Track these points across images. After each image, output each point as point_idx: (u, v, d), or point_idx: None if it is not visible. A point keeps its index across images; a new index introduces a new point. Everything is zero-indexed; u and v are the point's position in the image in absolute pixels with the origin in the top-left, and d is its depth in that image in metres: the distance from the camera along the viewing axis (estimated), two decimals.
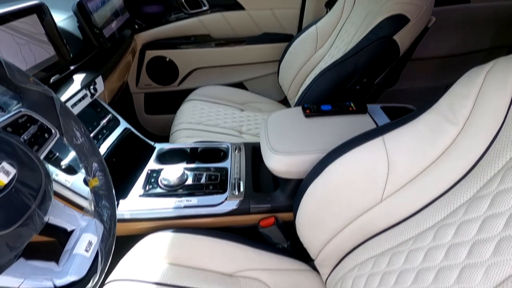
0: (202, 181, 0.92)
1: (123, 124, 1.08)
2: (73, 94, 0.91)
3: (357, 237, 0.68)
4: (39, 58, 0.85)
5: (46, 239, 0.65)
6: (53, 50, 0.89)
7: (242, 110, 1.47)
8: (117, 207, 0.81)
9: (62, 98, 0.87)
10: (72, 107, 0.90)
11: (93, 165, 0.56)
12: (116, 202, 0.59)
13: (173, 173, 0.90)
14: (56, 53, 0.90)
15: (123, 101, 1.65)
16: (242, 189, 0.90)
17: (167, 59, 1.65)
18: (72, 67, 0.99)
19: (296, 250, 0.86)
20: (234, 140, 1.21)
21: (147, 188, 0.90)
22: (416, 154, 0.59)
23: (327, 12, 1.43)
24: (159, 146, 1.08)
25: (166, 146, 1.08)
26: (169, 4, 1.63)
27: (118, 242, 0.62)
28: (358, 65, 1.01)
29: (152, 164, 1.00)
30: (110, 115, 1.06)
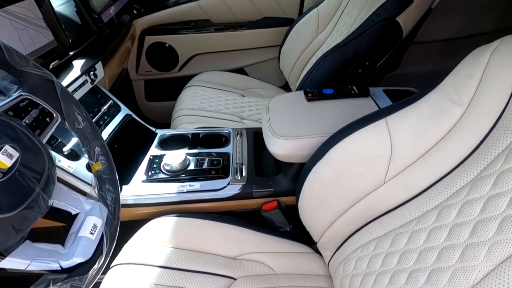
0: (204, 166, 0.92)
1: (124, 110, 1.07)
2: (73, 80, 0.90)
3: (359, 219, 0.68)
4: (38, 44, 0.84)
5: (51, 225, 0.66)
6: (51, 36, 0.88)
7: (243, 96, 1.46)
8: (120, 192, 0.82)
9: (63, 84, 0.86)
10: (72, 93, 0.90)
11: (95, 149, 0.56)
12: (119, 182, 0.59)
13: (175, 158, 0.90)
14: (54, 38, 0.89)
15: (124, 88, 1.64)
16: (244, 173, 0.90)
17: (167, 45, 1.64)
18: (71, 53, 0.98)
19: (298, 234, 0.87)
20: (235, 125, 1.21)
21: (150, 173, 0.91)
22: (419, 135, 0.59)
23: None
24: (161, 132, 1.08)
25: (167, 132, 1.08)
26: None
27: (122, 227, 0.62)
28: (360, 48, 0.99)
29: (154, 150, 1.00)
30: (111, 101, 1.05)
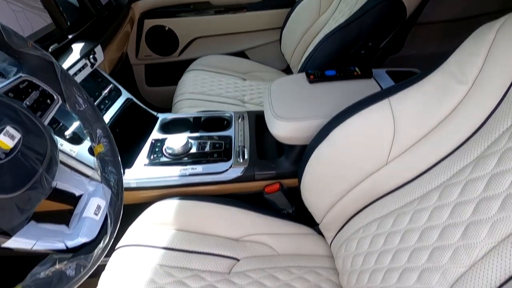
0: (207, 149, 0.92)
1: (125, 94, 1.07)
2: (73, 64, 0.90)
3: (362, 200, 0.68)
4: (36, 26, 0.83)
5: (56, 209, 0.66)
6: (49, 18, 0.87)
7: (244, 80, 1.45)
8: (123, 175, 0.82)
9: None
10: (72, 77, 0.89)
11: (97, 131, 0.56)
12: (122, 166, 0.59)
13: (177, 142, 0.90)
14: (52, 21, 0.87)
15: (124, 73, 1.63)
16: (246, 156, 0.90)
17: (166, 28, 1.61)
18: (70, 36, 0.97)
19: (300, 216, 0.87)
20: (237, 109, 1.20)
21: (152, 157, 0.91)
22: (422, 115, 0.59)
23: None
24: (162, 116, 1.07)
25: (169, 116, 1.08)
26: None
27: (125, 211, 0.63)
28: (363, 28, 0.98)
29: (155, 134, 1.00)
30: (111, 85, 1.05)
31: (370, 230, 0.64)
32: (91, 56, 0.98)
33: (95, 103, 0.97)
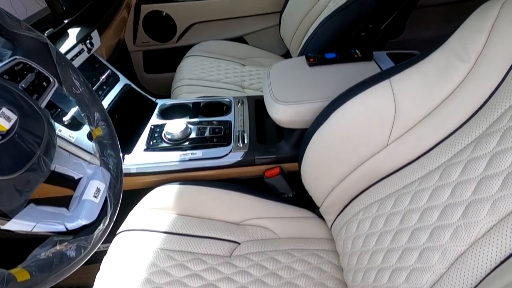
0: (206, 134, 0.91)
1: (123, 80, 1.06)
2: (69, 49, 0.88)
3: (362, 182, 0.68)
4: (31, 10, 0.81)
5: (55, 195, 0.66)
6: (44, 2, 0.85)
7: (244, 65, 1.44)
8: (122, 161, 0.82)
9: None
10: None
11: (95, 114, 0.55)
12: (121, 151, 0.59)
13: (176, 127, 0.90)
14: (47, 5, 0.86)
15: (122, 60, 1.61)
16: (246, 141, 0.89)
17: (164, 14, 1.59)
18: (65, 21, 0.95)
19: (301, 200, 0.87)
20: (236, 95, 1.19)
21: (151, 143, 0.90)
22: (424, 94, 0.58)
23: None
24: (161, 102, 1.07)
25: (168, 102, 1.07)
26: None
27: (126, 196, 0.62)
28: (364, 9, 0.96)
29: (154, 119, 0.99)
30: (109, 71, 1.04)
31: (370, 212, 0.64)
32: (88, 41, 0.96)
33: (93, 89, 0.96)
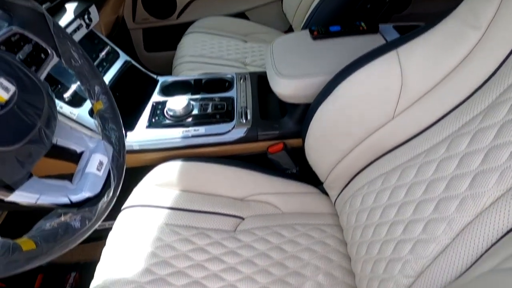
0: (209, 110, 0.90)
1: (123, 56, 1.04)
2: (67, 24, 0.86)
3: (367, 156, 0.68)
4: None
5: (58, 173, 0.66)
6: None
7: (246, 42, 1.41)
8: (125, 136, 0.81)
9: None
10: None
11: (95, 88, 0.54)
12: (122, 124, 0.58)
13: (178, 103, 0.89)
14: None
15: (121, 38, 1.58)
16: (249, 117, 0.88)
17: None
18: None
19: (305, 175, 0.87)
20: (238, 71, 1.17)
21: (154, 119, 0.90)
22: (432, 64, 0.56)
23: None
24: (162, 79, 1.05)
25: (169, 79, 1.05)
26: None
27: (129, 174, 0.62)
28: None
29: (156, 96, 0.98)
30: (108, 47, 1.02)
31: (375, 186, 0.64)
32: (86, 16, 0.94)
33: None
